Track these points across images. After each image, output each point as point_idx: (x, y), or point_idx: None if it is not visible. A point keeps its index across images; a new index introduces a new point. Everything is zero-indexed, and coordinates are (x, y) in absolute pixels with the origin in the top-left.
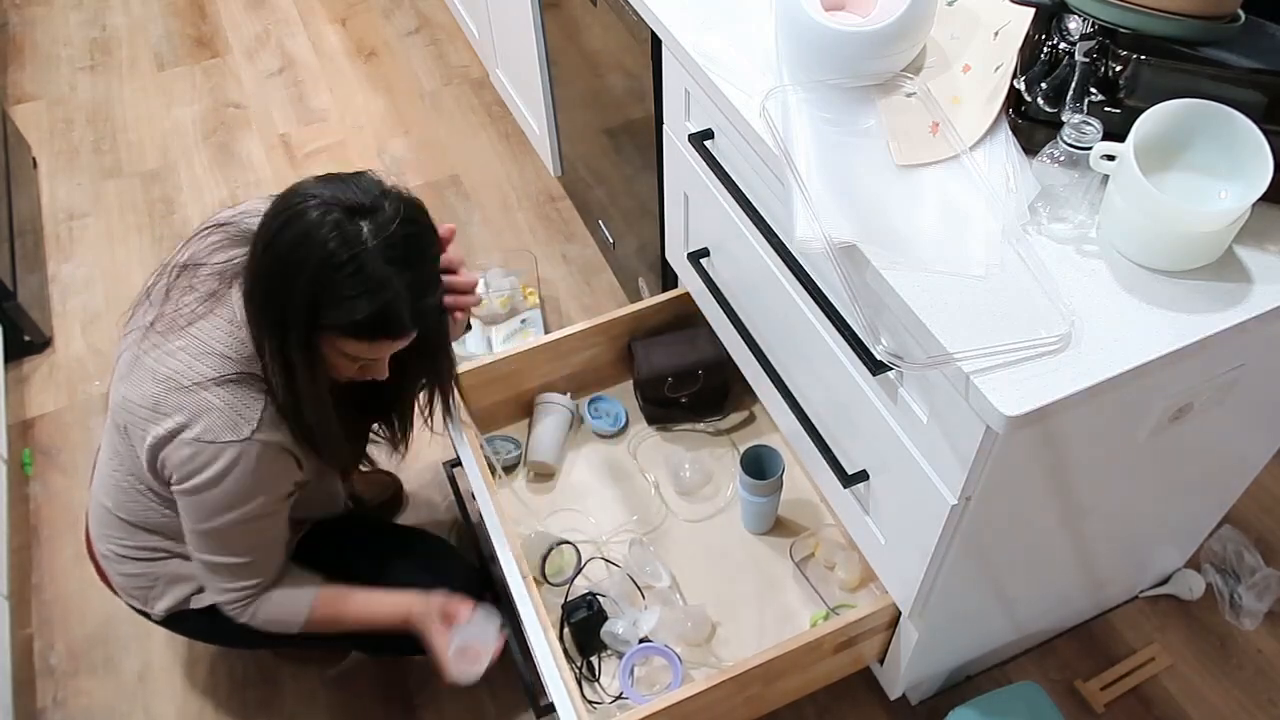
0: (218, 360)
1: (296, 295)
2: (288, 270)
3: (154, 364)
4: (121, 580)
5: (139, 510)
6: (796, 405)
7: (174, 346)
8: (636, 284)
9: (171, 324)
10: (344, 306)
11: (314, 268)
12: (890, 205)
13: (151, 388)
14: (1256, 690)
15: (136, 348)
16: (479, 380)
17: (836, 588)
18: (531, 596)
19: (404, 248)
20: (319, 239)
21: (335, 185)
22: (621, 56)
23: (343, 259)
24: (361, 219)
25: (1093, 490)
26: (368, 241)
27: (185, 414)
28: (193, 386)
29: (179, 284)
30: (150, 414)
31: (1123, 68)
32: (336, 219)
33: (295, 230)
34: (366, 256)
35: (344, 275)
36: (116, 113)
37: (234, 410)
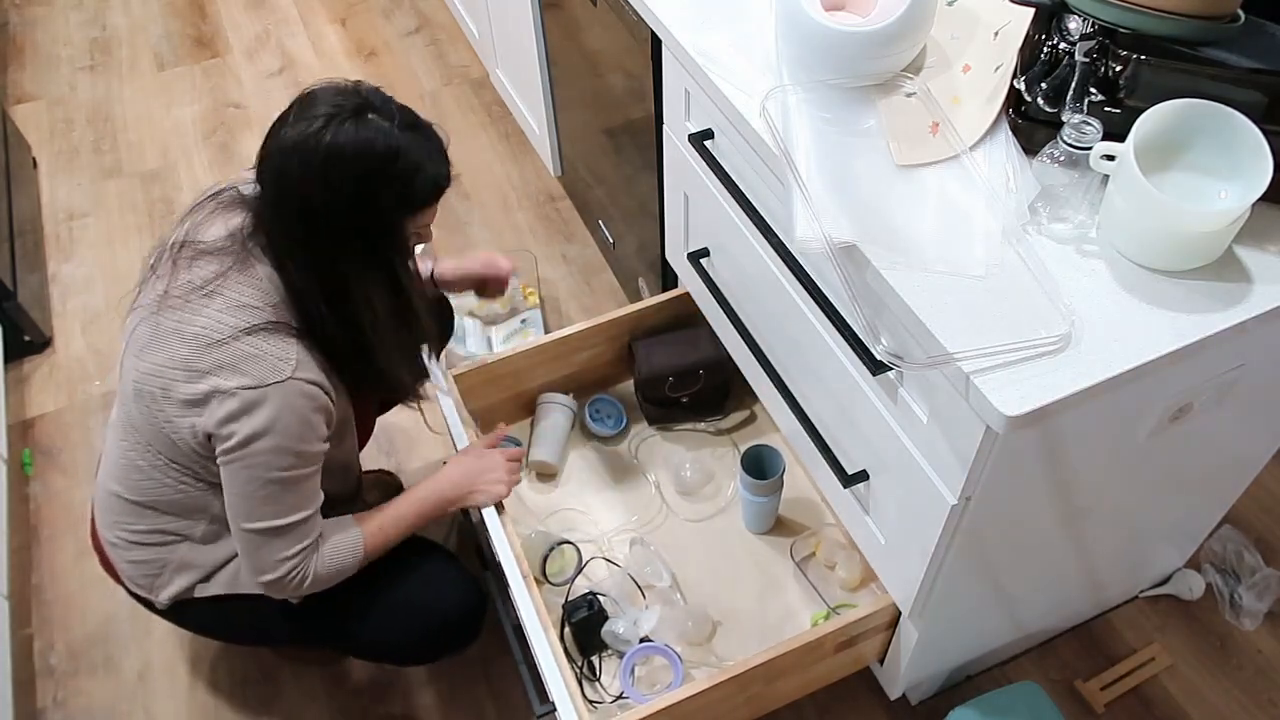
0: (246, 312)
1: (384, 207)
2: (362, 193)
3: (178, 325)
4: (128, 568)
5: (151, 489)
6: (796, 405)
7: (197, 307)
8: (636, 284)
9: (189, 290)
10: (414, 187)
11: (380, 173)
12: (890, 205)
13: (182, 349)
14: (1256, 690)
15: (154, 319)
16: (479, 380)
17: (837, 587)
18: (532, 596)
19: (406, 113)
20: (365, 151)
21: (317, 111)
22: (621, 56)
23: (393, 153)
24: (368, 114)
25: (1093, 490)
26: (392, 128)
27: (224, 369)
28: (225, 340)
29: (184, 255)
30: (186, 374)
31: (1123, 68)
32: (357, 129)
33: (342, 160)
34: (401, 139)
35: (401, 164)
36: (116, 113)
37: (271, 355)
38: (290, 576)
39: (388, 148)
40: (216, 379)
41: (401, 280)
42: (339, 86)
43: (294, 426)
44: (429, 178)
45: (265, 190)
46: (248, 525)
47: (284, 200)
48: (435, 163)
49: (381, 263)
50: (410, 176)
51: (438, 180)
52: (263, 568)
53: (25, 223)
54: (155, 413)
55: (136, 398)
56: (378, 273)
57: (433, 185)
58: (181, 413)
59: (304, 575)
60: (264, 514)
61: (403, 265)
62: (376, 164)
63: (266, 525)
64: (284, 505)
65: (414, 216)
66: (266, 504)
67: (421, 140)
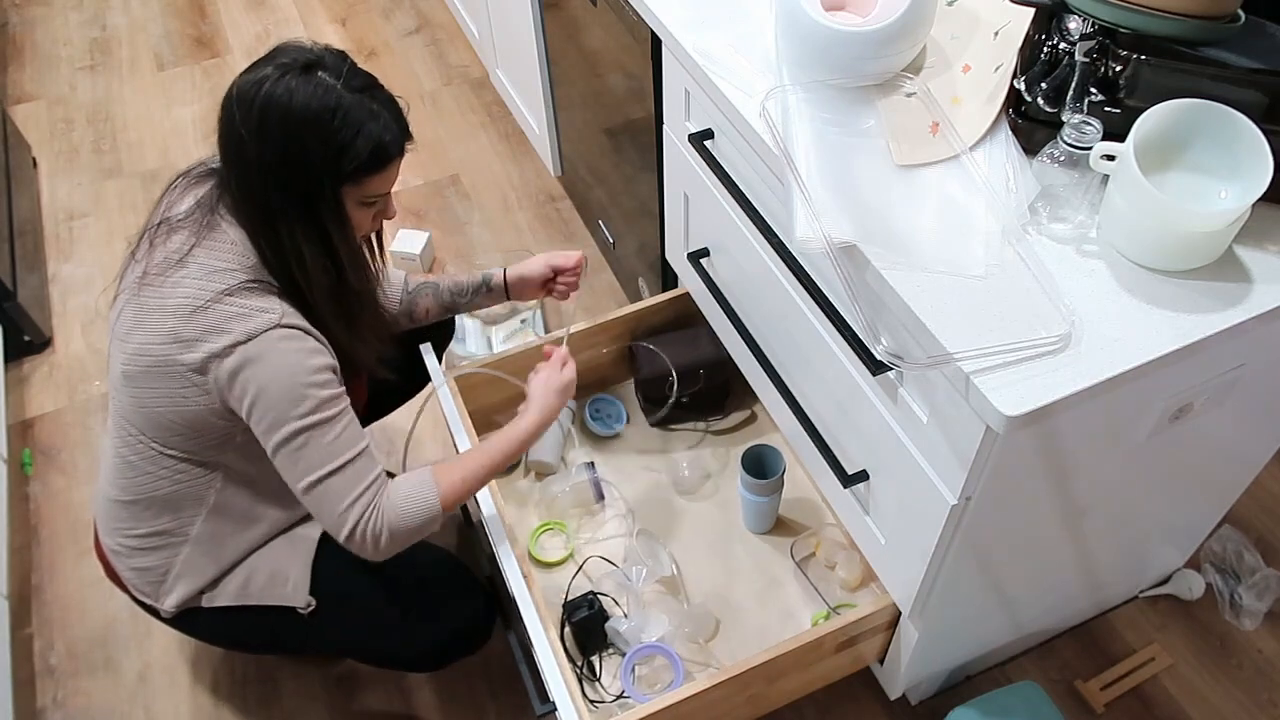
0: (224, 274)
1: (312, 163)
2: (291, 148)
3: (160, 301)
4: (131, 575)
5: (144, 483)
6: (796, 405)
7: (175, 279)
8: (636, 284)
9: (164, 264)
10: (354, 149)
11: (313, 132)
12: (890, 205)
13: (167, 321)
14: (1256, 690)
15: (136, 300)
16: (479, 380)
17: (837, 587)
18: (533, 597)
19: (360, 76)
20: (300, 106)
21: (272, 63)
22: (621, 56)
23: (330, 109)
24: (316, 71)
25: (1093, 490)
26: (337, 85)
27: (211, 333)
28: (208, 304)
29: (159, 234)
30: (175, 346)
31: (1123, 68)
32: (299, 84)
33: (276, 112)
34: (344, 98)
35: (338, 123)
36: (116, 113)
37: (255, 308)
38: (362, 526)
39: (324, 105)
40: (206, 344)
41: (339, 252)
42: (305, 45)
43: (299, 367)
44: (369, 141)
45: (219, 137)
46: (303, 484)
47: (226, 148)
48: (379, 127)
49: (317, 228)
50: (347, 138)
51: (379, 145)
52: (334, 524)
53: (25, 223)
54: (145, 393)
55: (125, 381)
56: (314, 239)
57: (372, 150)
58: (183, 387)
59: (378, 524)
60: (310, 465)
61: (338, 230)
62: (310, 119)
63: (316, 476)
64: (325, 450)
65: (355, 184)
66: (308, 454)
67: (369, 103)
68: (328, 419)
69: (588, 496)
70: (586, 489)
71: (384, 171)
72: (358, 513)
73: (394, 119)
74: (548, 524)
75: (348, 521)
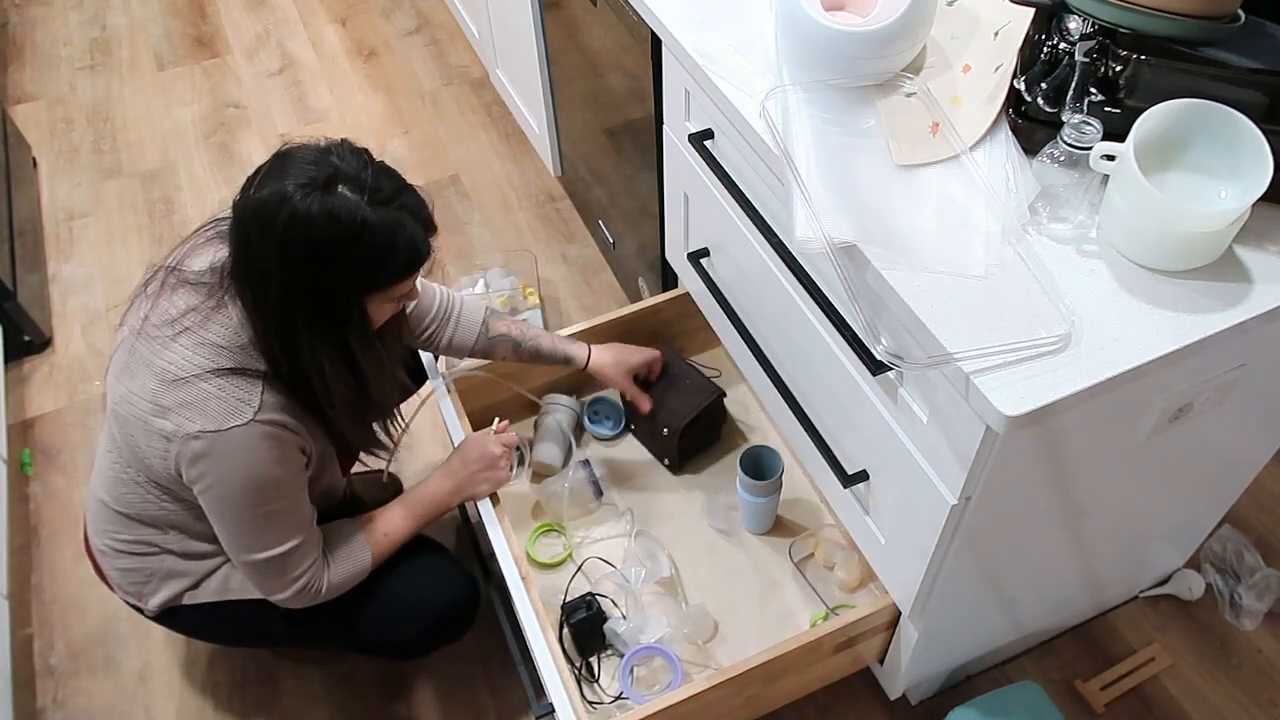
0: (212, 351)
1: (338, 286)
2: (318, 270)
3: (151, 357)
4: (116, 575)
5: (135, 502)
6: (796, 405)
7: (167, 340)
8: (636, 284)
9: (164, 319)
10: (385, 266)
11: (341, 253)
12: (890, 205)
13: (150, 381)
14: (1256, 690)
15: (132, 343)
16: (479, 380)
17: (836, 588)
18: (531, 598)
19: (379, 181)
20: (326, 229)
21: (287, 176)
22: (621, 56)
23: (357, 230)
24: (337, 186)
25: (1093, 490)
26: (358, 201)
27: (186, 409)
28: (189, 379)
29: (169, 281)
30: (152, 407)
31: (1123, 68)
32: (321, 202)
33: (300, 234)
34: (368, 214)
35: (366, 242)
36: (116, 113)
37: (233, 397)
38: (304, 591)
39: (351, 226)
40: (179, 417)
41: (354, 351)
42: (316, 150)
43: (264, 465)
44: (399, 256)
45: (231, 246)
46: (246, 558)
47: (244, 261)
48: (407, 236)
49: (337, 340)
50: (377, 254)
51: (410, 256)
52: (274, 591)
53: (25, 223)
54: (129, 436)
55: (114, 419)
56: (331, 345)
57: (404, 263)
58: (151, 443)
59: (317, 588)
60: (258, 545)
61: (356, 337)
62: (338, 242)
63: (264, 556)
64: (275, 535)
65: (383, 290)
66: (258, 536)
67: (395, 214)
68: (281, 510)
69: (586, 495)
70: (585, 487)
71: (411, 275)
72: (300, 585)
73: (420, 222)
74: (546, 525)
75: (289, 590)
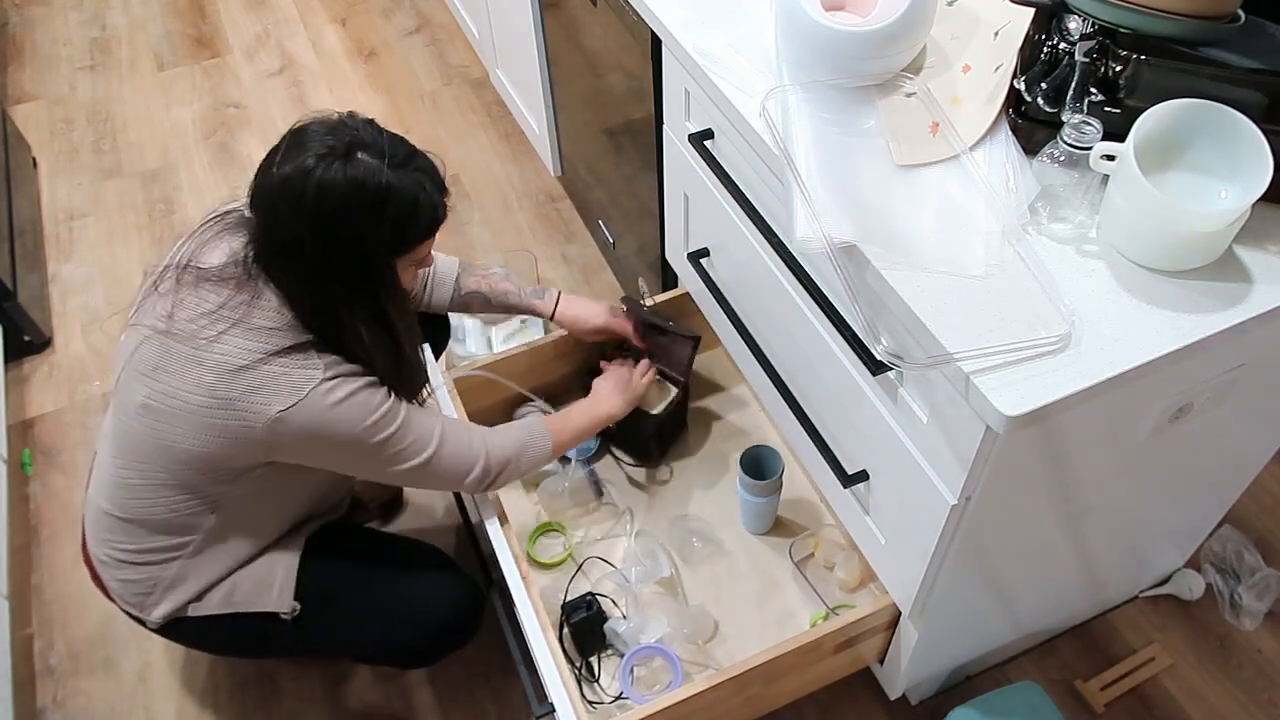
0: (264, 335)
1: (370, 249)
2: (350, 236)
3: (197, 353)
4: (117, 586)
5: (141, 507)
6: (796, 405)
7: (213, 334)
8: (636, 284)
9: (198, 314)
10: (408, 230)
11: (370, 217)
12: (890, 205)
13: (205, 375)
14: (1256, 690)
15: (163, 342)
16: (479, 380)
17: (836, 588)
18: (531, 598)
19: (398, 148)
20: (354, 194)
21: (307, 149)
22: (621, 56)
23: (382, 195)
24: (357, 154)
25: (1093, 490)
26: (382, 166)
27: (257, 394)
28: (251, 365)
29: (187, 278)
30: (212, 400)
31: (1123, 68)
32: (345, 169)
33: (330, 203)
34: (390, 177)
35: (392, 206)
36: (116, 113)
37: (298, 369)
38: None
39: (377, 190)
40: (253, 402)
41: (390, 315)
42: (330, 123)
43: (351, 410)
44: (424, 215)
45: (258, 225)
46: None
47: (274, 238)
48: (429, 196)
49: (373, 304)
50: (403, 215)
51: (433, 218)
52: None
53: (25, 223)
54: (168, 429)
55: (146, 413)
56: (373, 319)
57: (427, 223)
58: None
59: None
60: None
61: (390, 301)
62: (366, 206)
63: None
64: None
65: (408, 253)
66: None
67: (413, 175)
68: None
69: (586, 494)
70: (584, 486)
71: (432, 236)
72: (481, 467)
73: (435, 184)
74: (546, 525)
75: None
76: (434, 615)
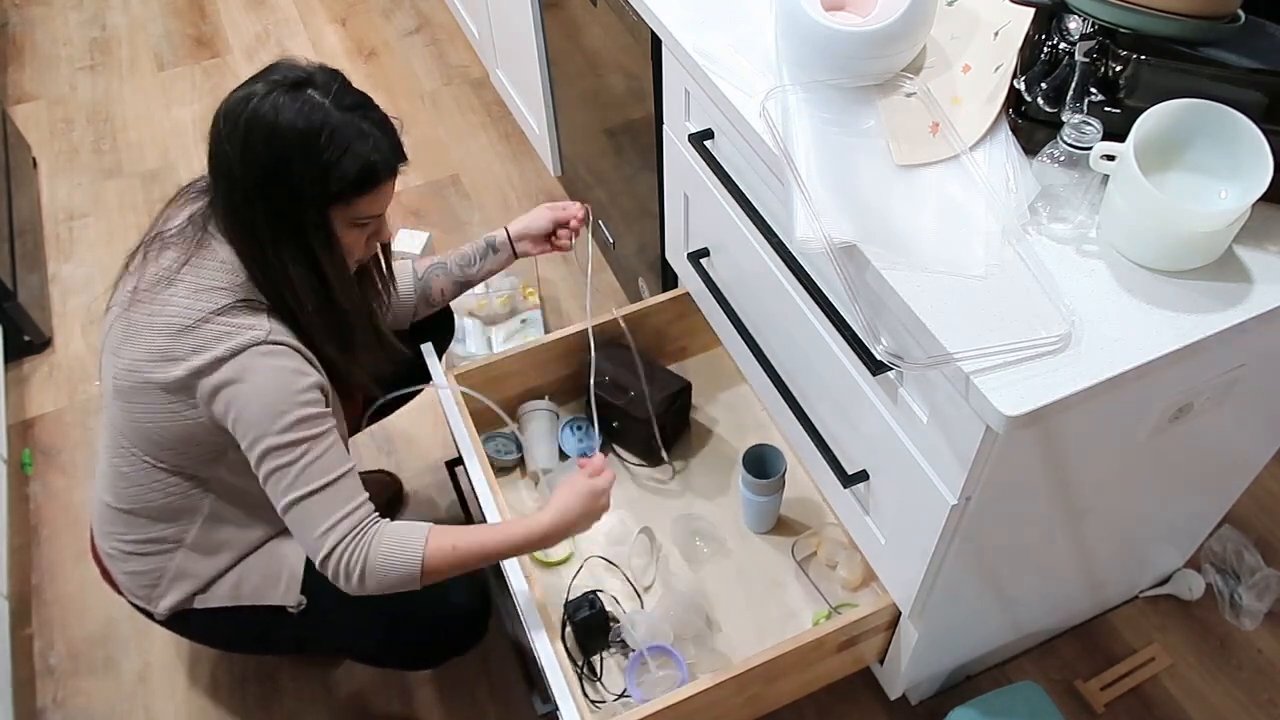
0: (212, 294)
1: (296, 183)
2: (276, 167)
3: (149, 319)
4: (125, 579)
5: (138, 495)
6: (796, 405)
7: (165, 297)
8: (636, 284)
9: (155, 281)
10: (340, 169)
11: (298, 151)
12: (890, 205)
13: (157, 339)
14: (1256, 690)
15: (126, 315)
16: (479, 380)
17: (839, 587)
18: (534, 597)
19: (352, 95)
20: (286, 124)
21: (262, 79)
22: (621, 56)
23: (316, 128)
24: (305, 89)
25: (1093, 490)
26: (326, 103)
27: (199, 350)
28: (196, 324)
29: (153, 248)
30: (162, 362)
31: (1123, 68)
32: (286, 101)
33: (261, 129)
34: (332, 116)
35: (325, 142)
36: (116, 113)
37: (242, 326)
38: (340, 552)
39: (310, 124)
40: (195, 359)
41: (327, 273)
42: (298, 62)
43: (282, 384)
44: (356, 161)
45: (208, 156)
46: (284, 502)
47: (214, 166)
48: (369, 148)
49: (303, 249)
50: (333, 157)
51: (368, 166)
52: (312, 546)
53: (25, 223)
54: (135, 408)
55: (116, 395)
56: (300, 260)
57: (360, 171)
58: (162, 403)
59: (356, 556)
60: (291, 484)
61: (328, 258)
62: (294, 137)
63: (296, 495)
64: (307, 470)
65: (344, 204)
66: (290, 472)
67: (359, 123)
68: (310, 437)
69: None
70: None
71: (373, 193)
72: (336, 537)
73: (386, 139)
74: None
75: (325, 544)
76: (441, 618)
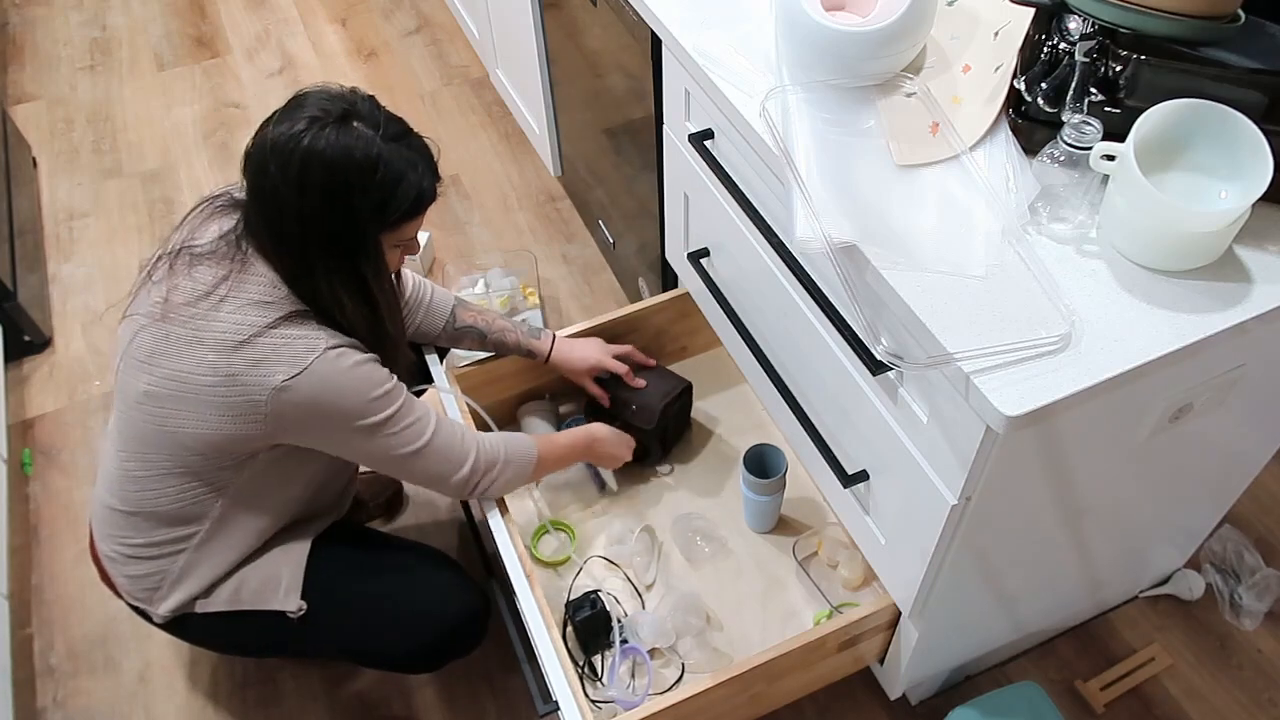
0: (260, 308)
1: (355, 216)
2: (333, 201)
3: (193, 333)
4: (125, 582)
5: (147, 499)
6: (796, 405)
7: (209, 312)
8: (636, 284)
9: (193, 296)
10: (395, 199)
11: (357, 184)
12: (890, 205)
13: (206, 354)
14: (1256, 690)
15: (161, 327)
16: (479, 380)
17: (839, 586)
18: (535, 596)
19: (394, 124)
20: (342, 159)
21: (302, 114)
22: (621, 56)
23: (372, 162)
24: (352, 122)
25: (1093, 490)
26: (375, 136)
27: (261, 365)
28: (251, 339)
29: (180, 262)
30: (215, 379)
31: (1123, 68)
32: (338, 135)
33: (317, 165)
34: (384, 149)
35: (380, 175)
36: (116, 113)
37: (300, 337)
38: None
39: (366, 157)
40: (257, 375)
41: (373, 292)
42: (330, 91)
43: (364, 375)
44: (410, 191)
45: (247, 189)
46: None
47: (261, 200)
48: (419, 175)
49: (355, 277)
50: (389, 188)
51: (420, 194)
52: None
53: (25, 223)
54: (174, 415)
55: (148, 400)
56: (353, 288)
57: (413, 199)
58: (224, 414)
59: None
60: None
61: (375, 278)
62: (354, 173)
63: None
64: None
65: (392, 230)
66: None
67: (405, 152)
68: (404, 401)
69: (589, 491)
70: (587, 482)
71: (418, 216)
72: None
73: (428, 165)
74: (550, 523)
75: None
76: (440, 621)
